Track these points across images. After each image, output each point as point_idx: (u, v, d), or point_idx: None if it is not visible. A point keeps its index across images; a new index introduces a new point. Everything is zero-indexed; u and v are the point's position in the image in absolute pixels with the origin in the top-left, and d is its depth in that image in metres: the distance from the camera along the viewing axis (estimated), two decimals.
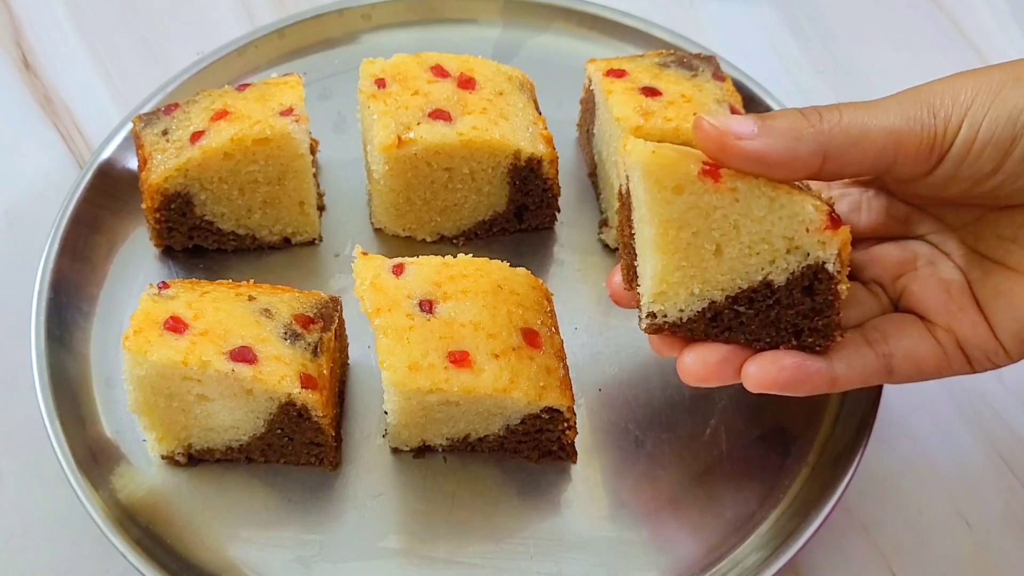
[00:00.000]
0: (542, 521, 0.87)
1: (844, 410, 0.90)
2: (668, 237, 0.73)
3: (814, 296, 0.74)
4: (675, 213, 0.72)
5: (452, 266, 0.88)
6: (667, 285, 0.75)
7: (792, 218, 0.72)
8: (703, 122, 0.72)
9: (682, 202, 0.72)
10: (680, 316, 0.76)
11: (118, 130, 1.03)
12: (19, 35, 1.19)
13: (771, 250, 0.73)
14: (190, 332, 0.82)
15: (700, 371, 0.77)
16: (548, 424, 0.85)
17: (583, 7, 1.13)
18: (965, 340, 0.76)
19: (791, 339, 0.76)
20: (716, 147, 0.71)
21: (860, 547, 0.89)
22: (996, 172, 0.72)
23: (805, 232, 0.72)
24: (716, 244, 0.73)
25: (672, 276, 0.74)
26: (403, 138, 0.92)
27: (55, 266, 0.95)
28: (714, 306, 0.75)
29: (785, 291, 0.74)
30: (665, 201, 0.72)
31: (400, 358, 0.82)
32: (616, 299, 0.86)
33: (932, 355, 0.77)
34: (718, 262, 0.74)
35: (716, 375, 0.77)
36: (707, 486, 0.88)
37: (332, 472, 0.88)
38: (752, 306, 0.75)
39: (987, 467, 0.93)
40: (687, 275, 0.74)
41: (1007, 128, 0.70)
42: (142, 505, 0.86)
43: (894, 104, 0.72)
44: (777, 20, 1.23)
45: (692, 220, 0.72)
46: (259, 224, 0.98)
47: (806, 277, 0.74)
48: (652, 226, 0.73)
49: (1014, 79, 0.71)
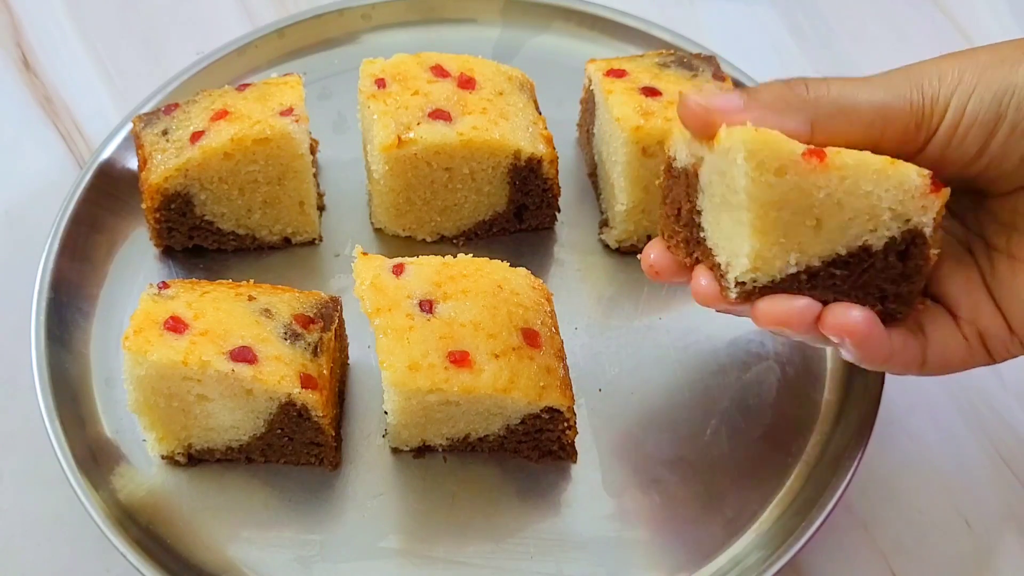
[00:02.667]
0: (542, 521, 0.87)
1: (844, 410, 0.91)
2: (768, 219, 0.70)
3: (907, 261, 0.73)
4: (776, 195, 0.70)
5: (452, 266, 0.88)
6: (762, 261, 0.72)
7: (899, 187, 0.71)
8: (688, 99, 0.70)
9: (785, 184, 0.69)
10: (772, 280, 0.73)
11: (118, 130, 1.03)
12: (19, 35, 1.19)
13: (875, 219, 0.72)
14: (190, 332, 0.82)
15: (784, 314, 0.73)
16: (548, 424, 0.86)
17: (583, 7, 1.13)
18: (985, 332, 0.76)
19: (876, 303, 0.75)
20: (702, 125, 0.71)
21: (860, 546, 0.89)
22: (982, 154, 0.71)
23: (911, 198, 0.71)
24: (816, 219, 0.71)
25: (768, 252, 0.72)
26: (403, 138, 0.92)
27: (55, 266, 0.95)
28: (809, 270, 0.73)
29: (881, 255, 0.73)
30: (767, 184, 0.69)
31: (400, 358, 0.82)
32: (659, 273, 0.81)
33: (959, 349, 0.77)
34: (817, 234, 0.72)
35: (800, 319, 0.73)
36: (707, 486, 0.88)
37: (332, 472, 0.88)
38: (846, 268, 0.73)
39: (987, 467, 0.93)
40: (784, 249, 0.72)
41: (991, 108, 0.70)
42: (142, 505, 0.86)
43: (883, 80, 0.72)
44: (777, 20, 1.23)
45: (794, 200, 0.70)
46: (259, 224, 0.98)
47: (903, 241, 0.72)
48: (750, 209, 0.70)
49: (999, 60, 0.71)
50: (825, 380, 0.93)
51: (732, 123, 0.70)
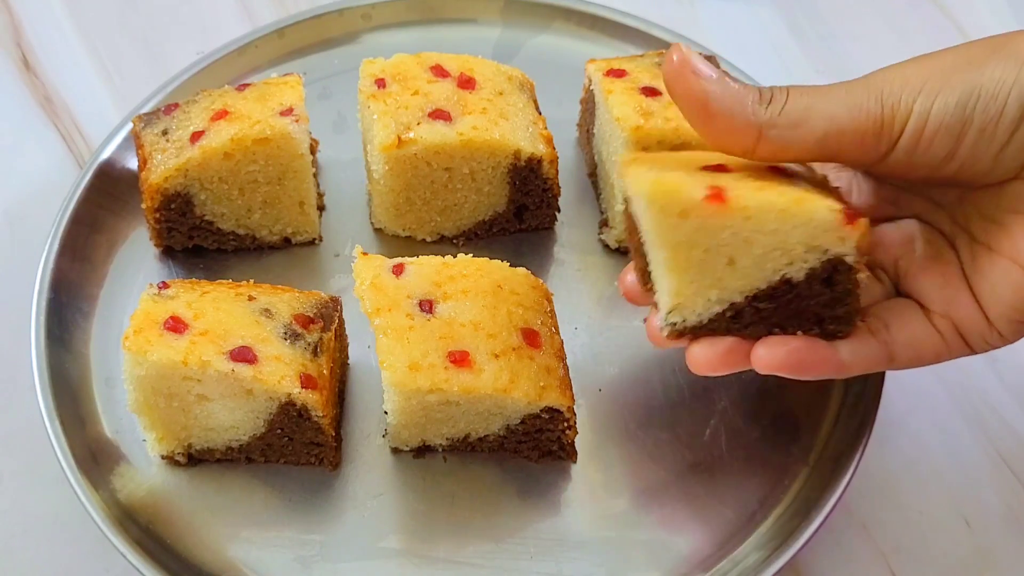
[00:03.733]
0: (542, 521, 0.87)
1: (844, 410, 0.90)
2: (679, 258, 0.72)
3: (834, 287, 0.74)
4: (683, 236, 0.71)
5: (452, 266, 0.88)
6: (683, 298, 0.75)
7: (807, 224, 0.71)
8: (679, 47, 0.72)
9: (688, 225, 0.71)
10: (700, 320, 0.76)
11: (118, 130, 1.03)
12: (19, 35, 1.19)
13: (788, 254, 0.72)
14: (190, 332, 0.82)
15: (709, 360, 0.76)
16: (548, 424, 0.86)
17: (583, 7, 1.13)
18: (961, 324, 0.76)
19: (813, 327, 0.76)
20: (675, 73, 0.71)
21: (860, 547, 0.89)
22: (951, 159, 0.70)
23: (823, 233, 0.71)
24: (728, 257, 0.73)
25: (687, 290, 0.74)
26: (403, 138, 0.92)
27: (55, 266, 0.95)
28: (734, 306, 0.75)
29: (805, 285, 0.74)
30: (672, 227, 0.71)
31: (400, 358, 0.82)
32: (631, 298, 0.85)
33: (931, 342, 0.76)
34: (733, 271, 0.73)
35: (724, 363, 0.76)
36: (707, 486, 0.88)
37: (332, 472, 0.88)
38: (772, 301, 0.74)
39: (987, 467, 0.93)
40: (702, 286, 0.74)
41: (956, 113, 0.68)
42: (142, 505, 0.86)
43: (842, 93, 0.71)
44: (777, 20, 1.23)
45: (701, 240, 0.72)
46: (259, 224, 0.99)
47: (825, 270, 0.73)
48: (662, 250, 0.72)
49: (966, 62, 0.69)
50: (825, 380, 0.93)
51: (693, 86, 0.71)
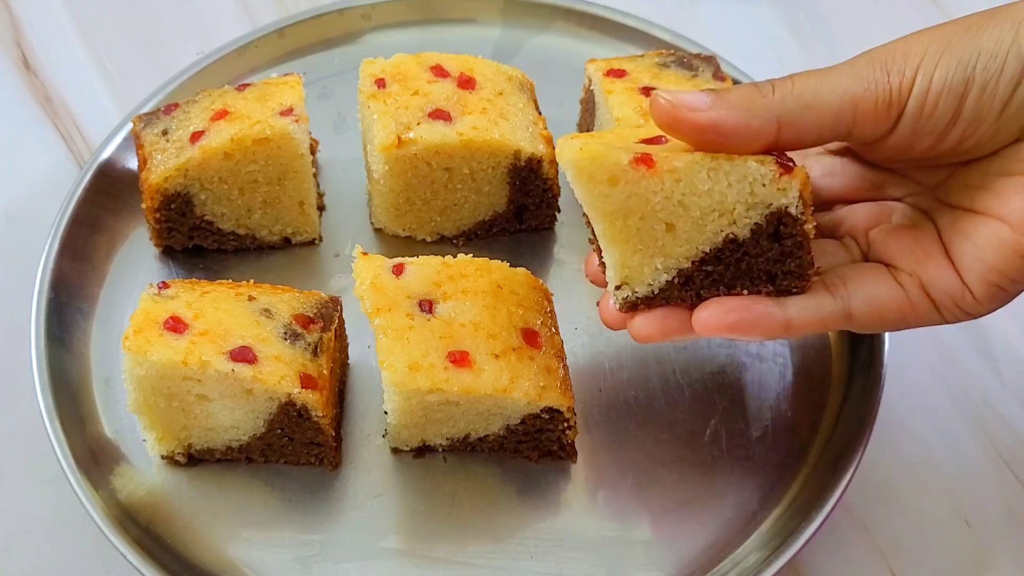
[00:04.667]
0: (542, 521, 0.87)
1: (844, 410, 0.91)
2: (615, 228, 0.73)
3: (782, 240, 0.74)
4: (615, 205, 0.71)
5: (452, 266, 0.88)
6: (628, 269, 0.74)
7: (741, 181, 0.71)
8: (658, 97, 0.71)
9: (619, 192, 0.71)
10: (651, 290, 0.75)
11: (118, 130, 1.03)
12: (19, 35, 1.19)
13: (728, 214, 0.72)
14: (190, 332, 0.82)
15: (649, 328, 0.77)
16: (548, 424, 0.86)
17: (583, 7, 1.13)
18: (930, 283, 0.75)
19: (767, 285, 0.75)
20: (670, 120, 0.71)
21: (860, 547, 0.89)
22: (955, 121, 0.71)
23: (761, 187, 0.72)
24: (665, 223, 0.73)
25: (631, 260, 0.74)
26: (403, 138, 0.92)
27: (55, 266, 0.95)
28: (682, 273, 0.75)
29: (752, 242, 0.74)
30: (603, 195, 0.71)
31: (400, 358, 0.82)
32: (595, 281, 0.85)
33: (894, 299, 0.76)
34: (673, 237, 0.73)
35: (663, 330, 0.77)
36: (707, 486, 0.88)
37: (332, 472, 0.88)
38: (720, 263, 0.74)
39: (987, 467, 0.93)
40: (645, 256, 0.74)
41: (958, 74, 0.70)
42: (142, 505, 0.86)
43: (847, 68, 0.72)
44: (777, 20, 1.23)
45: (635, 207, 0.72)
46: (259, 224, 0.99)
47: (771, 224, 0.73)
48: (597, 221, 0.73)
49: (964, 28, 0.71)
50: (825, 380, 0.93)
51: (698, 121, 0.70)
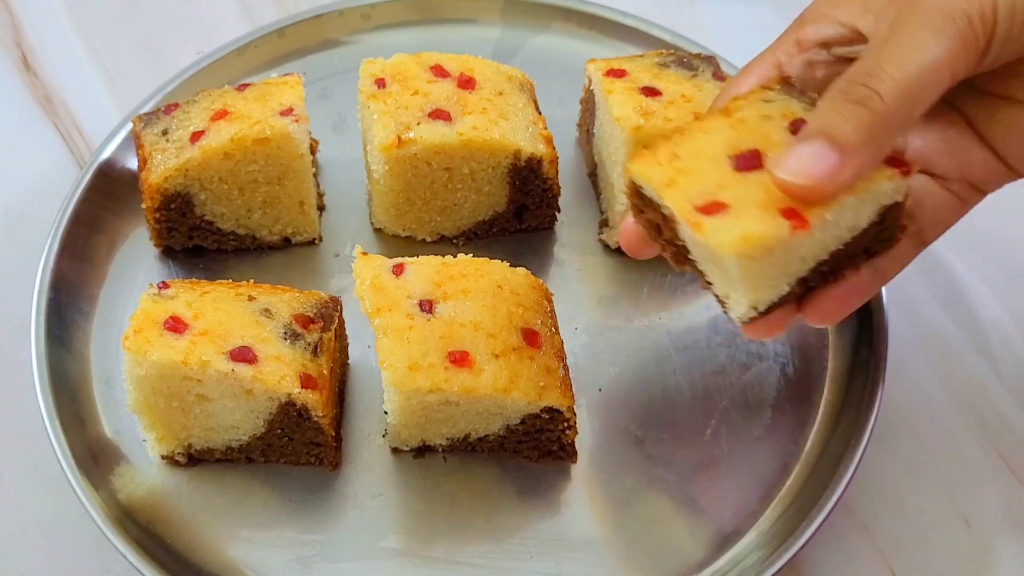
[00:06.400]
0: (542, 521, 0.87)
1: (844, 410, 0.90)
2: (759, 280, 0.71)
3: (885, 222, 0.74)
4: (767, 266, 0.70)
5: (452, 266, 0.88)
6: (758, 301, 0.73)
7: (875, 200, 0.71)
8: (786, 186, 0.67)
9: (774, 255, 0.70)
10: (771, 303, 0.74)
11: (118, 130, 1.03)
12: (19, 35, 1.19)
13: (858, 223, 0.73)
14: (190, 332, 0.82)
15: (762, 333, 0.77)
16: (548, 424, 0.86)
17: (583, 7, 1.13)
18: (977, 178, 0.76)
19: (864, 257, 0.76)
20: (815, 197, 0.68)
21: (860, 546, 0.89)
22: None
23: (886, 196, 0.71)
24: (802, 256, 0.72)
25: (764, 295, 0.73)
26: (403, 138, 0.92)
27: (55, 266, 0.95)
28: (801, 280, 0.74)
29: (862, 234, 0.74)
30: (757, 264, 0.69)
31: (400, 358, 0.82)
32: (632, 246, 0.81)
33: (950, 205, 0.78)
34: (803, 262, 0.73)
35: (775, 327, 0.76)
36: (707, 486, 0.88)
37: (332, 472, 0.88)
38: (831, 258, 0.74)
39: (987, 467, 0.93)
40: (776, 284, 0.73)
41: None
42: (142, 505, 0.86)
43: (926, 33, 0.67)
44: (777, 20, 1.22)
45: (783, 260, 0.71)
46: (259, 224, 0.99)
47: (881, 215, 0.73)
48: (743, 282, 0.71)
49: None
50: (825, 380, 0.93)
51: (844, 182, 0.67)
